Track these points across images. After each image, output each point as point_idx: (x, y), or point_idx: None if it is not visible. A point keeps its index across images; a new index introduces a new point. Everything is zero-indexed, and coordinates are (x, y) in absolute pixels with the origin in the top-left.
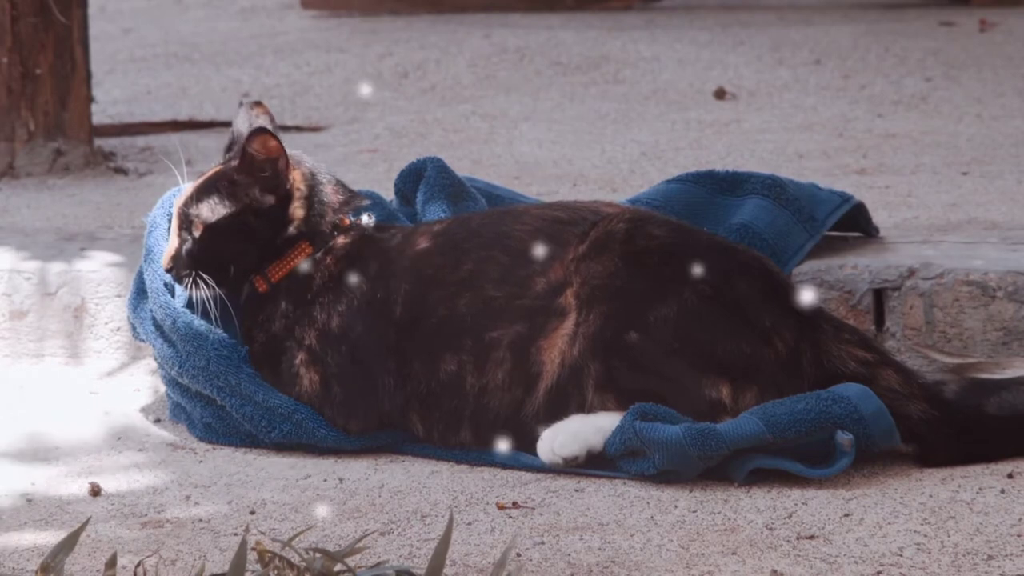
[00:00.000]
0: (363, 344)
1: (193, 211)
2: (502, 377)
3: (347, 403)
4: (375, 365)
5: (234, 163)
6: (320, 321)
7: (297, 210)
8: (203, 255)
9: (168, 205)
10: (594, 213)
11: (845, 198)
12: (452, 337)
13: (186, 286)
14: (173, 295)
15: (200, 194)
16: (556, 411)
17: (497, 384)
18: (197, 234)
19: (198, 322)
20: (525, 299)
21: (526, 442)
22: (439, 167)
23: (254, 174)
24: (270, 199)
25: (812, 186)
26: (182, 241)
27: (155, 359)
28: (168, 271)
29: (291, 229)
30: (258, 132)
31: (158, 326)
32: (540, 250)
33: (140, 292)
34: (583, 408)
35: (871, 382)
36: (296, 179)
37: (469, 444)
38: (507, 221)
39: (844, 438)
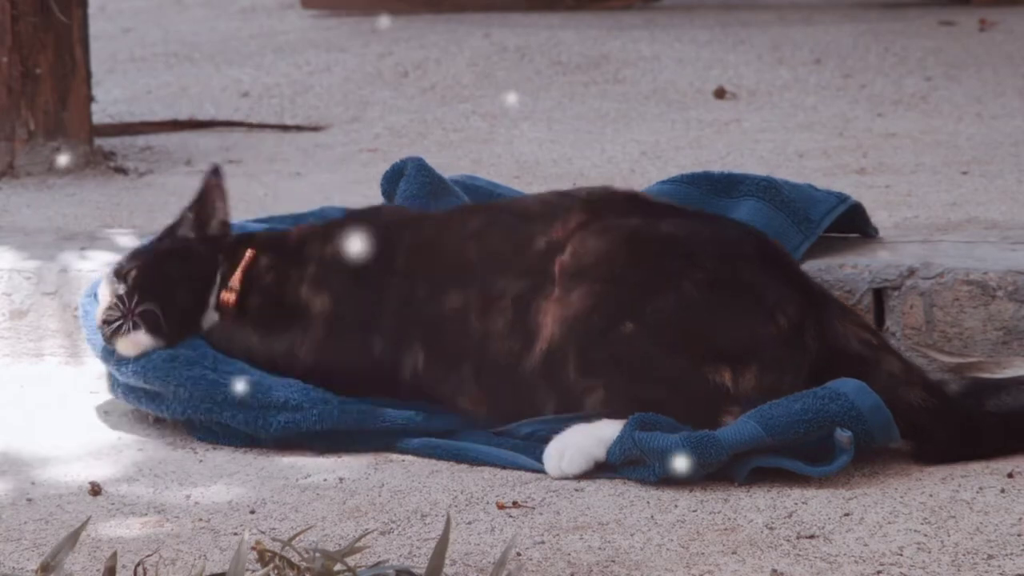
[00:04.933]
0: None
1: None
2: (503, 326)
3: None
4: (368, 299)
5: None
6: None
7: None
8: None
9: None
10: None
11: (842, 198)
12: (459, 278)
13: None
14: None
15: None
16: (553, 373)
17: (499, 331)
18: None
19: (161, 359)
20: (529, 257)
21: (523, 398)
22: (419, 166)
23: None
24: None
25: (808, 187)
26: None
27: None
28: None
29: None
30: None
31: (135, 389)
32: (545, 214)
33: (113, 377)
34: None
35: (874, 364)
36: None
37: (468, 384)
38: (519, 198)
39: (843, 436)
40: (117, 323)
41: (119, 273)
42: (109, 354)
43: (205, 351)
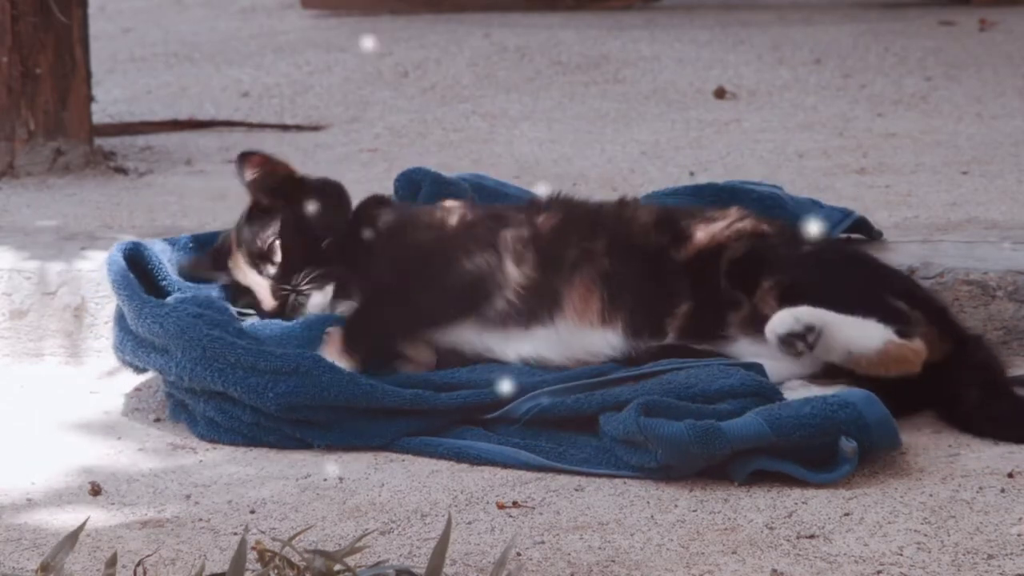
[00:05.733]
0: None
1: None
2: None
3: None
4: None
5: None
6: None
7: None
8: None
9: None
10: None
11: (846, 213)
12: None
13: None
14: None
15: None
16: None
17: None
18: None
19: (187, 313)
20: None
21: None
22: (435, 178)
23: None
24: None
25: (812, 203)
26: None
27: (155, 372)
28: None
29: None
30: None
31: (144, 343)
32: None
33: (123, 330)
34: None
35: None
36: None
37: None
38: None
39: (848, 446)
40: None
41: None
42: (136, 297)
43: (231, 317)
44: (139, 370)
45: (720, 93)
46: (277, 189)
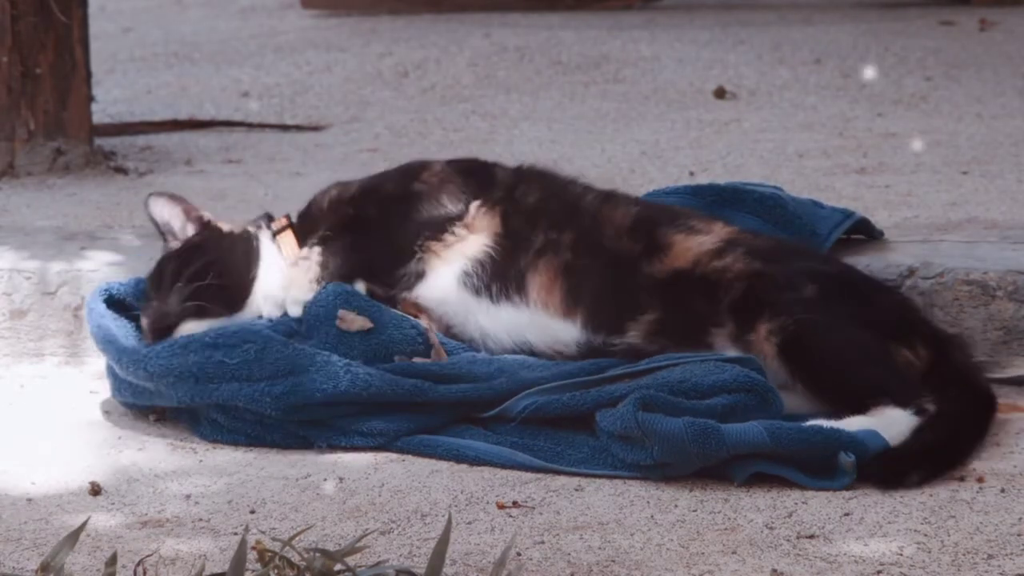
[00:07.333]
0: None
1: None
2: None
3: None
4: None
5: None
6: None
7: None
8: None
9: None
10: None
11: (847, 214)
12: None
13: None
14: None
15: None
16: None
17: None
18: None
19: (167, 352)
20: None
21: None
22: None
23: None
24: None
25: (812, 203)
26: None
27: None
28: None
29: None
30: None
31: (137, 388)
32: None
33: (116, 376)
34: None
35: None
36: None
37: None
38: None
39: (847, 459)
40: None
41: None
42: (116, 349)
43: (215, 335)
44: (143, 409)
45: (720, 93)
46: None
